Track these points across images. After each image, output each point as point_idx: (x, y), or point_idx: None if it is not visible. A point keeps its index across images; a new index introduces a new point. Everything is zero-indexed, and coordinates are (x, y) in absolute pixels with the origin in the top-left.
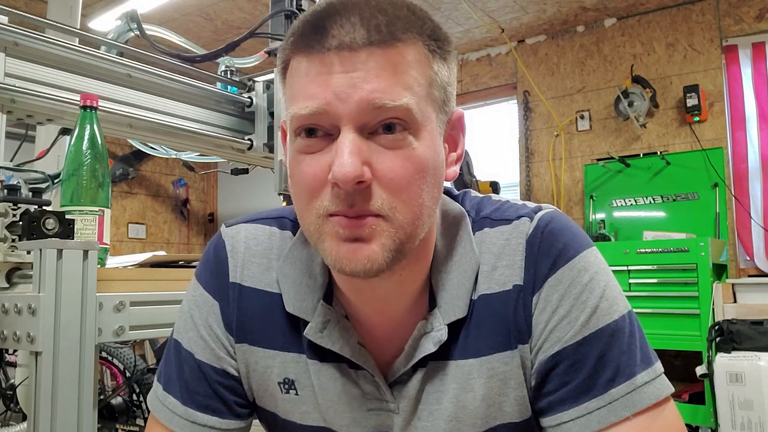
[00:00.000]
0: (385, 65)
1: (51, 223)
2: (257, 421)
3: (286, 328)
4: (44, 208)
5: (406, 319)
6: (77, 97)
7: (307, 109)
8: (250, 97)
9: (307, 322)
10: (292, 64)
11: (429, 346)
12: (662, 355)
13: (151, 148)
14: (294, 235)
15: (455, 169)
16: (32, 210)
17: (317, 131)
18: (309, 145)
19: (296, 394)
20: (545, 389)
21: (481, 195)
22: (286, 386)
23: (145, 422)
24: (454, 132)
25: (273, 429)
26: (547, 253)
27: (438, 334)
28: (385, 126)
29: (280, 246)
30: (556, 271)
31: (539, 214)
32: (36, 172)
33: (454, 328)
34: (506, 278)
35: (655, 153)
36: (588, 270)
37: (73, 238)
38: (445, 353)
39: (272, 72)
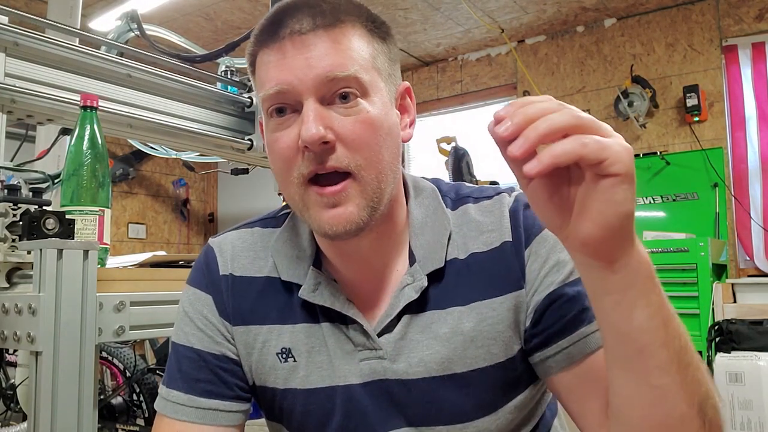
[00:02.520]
0: (331, 44)
1: (51, 223)
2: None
3: (279, 304)
4: (44, 208)
5: (389, 280)
6: (77, 97)
7: (273, 89)
8: (250, 97)
9: (301, 291)
10: (258, 57)
11: (411, 294)
12: None
13: (151, 148)
14: (277, 227)
15: (410, 132)
16: (32, 210)
17: (285, 110)
18: (280, 123)
19: (294, 361)
20: (543, 324)
21: (454, 182)
22: (284, 355)
23: (145, 422)
24: (404, 101)
25: (274, 408)
26: (531, 218)
27: (418, 282)
28: (340, 96)
29: (264, 240)
30: (541, 232)
31: (516, 192)
32: (36, 172)
33: (438, 280)
34: (493, 239)
35: (655, 153)
36: None
37: (73, 238)
38: (431, 303)
39: None
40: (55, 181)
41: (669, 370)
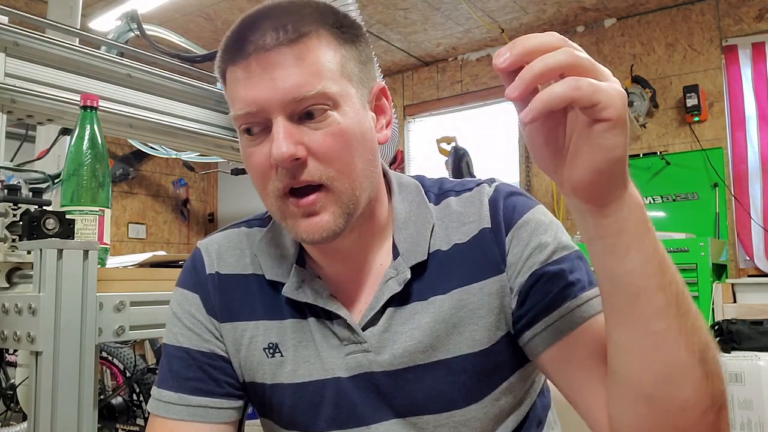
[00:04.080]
0: (295, 61)
1: (51, 223)
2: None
3: (265, 300)
4: (44, 208)
5: (373, 274)
6: (77, 97)
7: (242, 110)
8: None
9: (284, 290)
10: (227, 74)
11: (394, 287)
12: None
13: (151, 148)
14: (262, 226)
15: (386, 133)
16: (32, 210)
17: (255, 128)
18: (252, 140)
19: (281, 356)
20: (528, 304)
21: (438, 177)
22: (271, 351)
23: (146, 422)
24: (379, 102)
25: (264, 404)
26: (511, 206)
27: (402, 275)
28: (308, 113)
29: (249, 238)
30: (522, 217)
31: (496, 182)
32: (36, 172)
33: (420, 272)
34: (473, 228)
35: (655, 153)
36: (546, 214)
37: (73, 238)
38: (414, 295)
39: None
40: (55, 181)
41: (666, 314)
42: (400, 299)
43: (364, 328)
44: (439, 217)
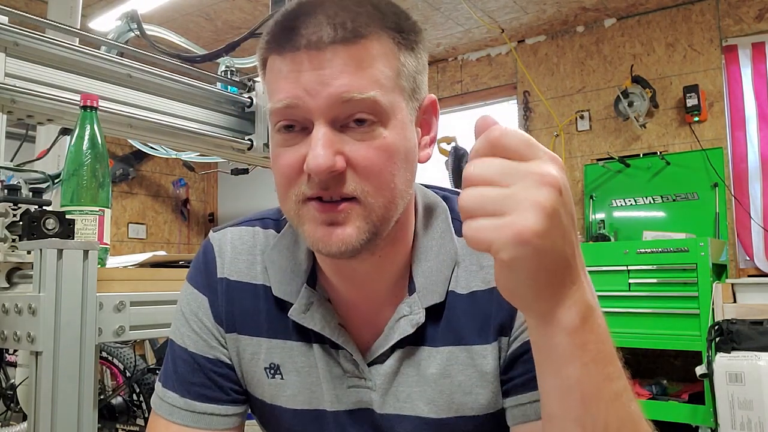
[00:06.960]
0: (349, 61)
1: (51, 223)
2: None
3: (272, 316)
4: (44, 208)
5: (387, 304)
6: (77, 97)
7: (281, 102)
8: (250, 97)
9: (291, 312)
10: (269, 62)
11: (407, 328)
12: (662, 355)
13: (151, 148)
14: (276, 231)
15: (428, 152)
16: (32, 210)
17: (294, 126)
18: (287, 139)
19: (282, 378)
20: (511, 373)
21: None
22: (272, 371)
23: (145, 422)
24: (426, 116)
25: (262, 416)
26: None
27: (416, 317)
28: (356, 120)
29: (264, 242)
30: None
31: None
32: (36, 172)
33: (436, 316)
34: (492, 276)
35: (655, 153)
36: None
37: (73, 238)
38: (426, 339)
39: None
40: (55, 181)
41: None
42: (410, 341)
43: (370, 364)
44: (461, 253)
